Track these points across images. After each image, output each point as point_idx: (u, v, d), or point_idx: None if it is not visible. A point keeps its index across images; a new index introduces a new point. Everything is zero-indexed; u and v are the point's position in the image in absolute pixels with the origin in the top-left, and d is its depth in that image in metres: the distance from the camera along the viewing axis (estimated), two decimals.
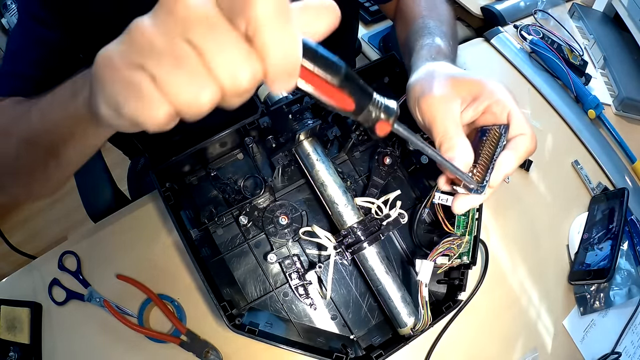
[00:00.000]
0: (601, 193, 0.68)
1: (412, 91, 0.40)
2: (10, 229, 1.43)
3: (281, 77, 0.20)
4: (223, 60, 0.19)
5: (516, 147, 0.36)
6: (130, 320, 0.53)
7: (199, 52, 0.19)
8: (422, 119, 0.38)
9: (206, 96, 0.20)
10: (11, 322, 0.53)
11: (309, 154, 0.47)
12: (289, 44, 0.20)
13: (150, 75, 0.20)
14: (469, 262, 0.46)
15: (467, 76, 0.38)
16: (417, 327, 0.44)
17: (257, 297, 0.50)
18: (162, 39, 0.20)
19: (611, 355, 0.58)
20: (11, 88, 0.48)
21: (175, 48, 0.19)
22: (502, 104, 0.37)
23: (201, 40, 0.19)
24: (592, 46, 0.84)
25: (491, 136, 0.37)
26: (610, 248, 0.58)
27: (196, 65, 0.20)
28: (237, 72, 0.20)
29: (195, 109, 0.21)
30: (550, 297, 0.60)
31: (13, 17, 1.78)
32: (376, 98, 0.25)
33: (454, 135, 0.35)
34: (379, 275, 0.46)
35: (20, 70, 0.49)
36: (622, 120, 0.77)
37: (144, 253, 0.57)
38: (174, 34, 0.19)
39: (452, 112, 0.36)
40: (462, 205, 0.37)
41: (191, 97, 0.20)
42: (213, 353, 0.51)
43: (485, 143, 0.37)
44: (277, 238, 0.51)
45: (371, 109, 0.25)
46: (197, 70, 0.20)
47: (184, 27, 0.19)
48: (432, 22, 0.52)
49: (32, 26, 0.49)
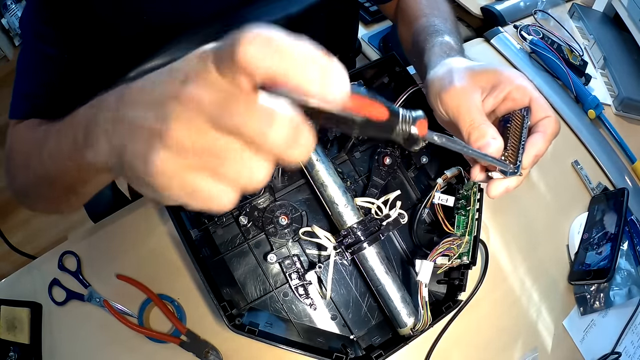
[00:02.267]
0: (601, 193, 0.68)
1: (432, 87, 0.40)
2: (10, 229, 1.42)
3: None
4: (262, 137, 0.19)
5: (544, 130, 0.37)
6: (130, 320, 0.53)
7: (237, 136, 0.19)
8: (446, 112, 0.39)
9: (262, 172, 0.20)
10: (11, 322, 0.53)
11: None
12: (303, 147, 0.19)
13: (208, 173, 0.20)
14: (469, 262, 0.46)
15: (484, 67, 0.39)
16: (417, 327, 0.44)
17: (257, 297, 0.50)
18: (197, 138, 0.19)
19: (611, 355, 0.58)
20: (26, 110, 0.48)
21: (213, 143, 0.19)
22: (522, 89, 0.38)
23: (231, 123, 0.19)
24: (592, 46, 0.84)
25: (515, 120, 0.38)
26: (610, 248, 0.58)
27: (241, 151, 0.19)
28: (269, 136, 0.19)
29: (255, 185, 0.20)
30: (550, 297, 0.60)
31: (13, 18, 1.78)
32: (402, 110, 0.25)
33: (482, 123, 0.36)
34: (379, 275, 0.46)
35: (32, 91, 0.50)
36: (622, 120, 0.77)
37: (144, 253, 0.57)
38: (204, 129, 0.19)
39: (475, 101, 0.37)
40: (499, 189, 0.37)
41: (249, 178, 0.20)
42: (213, 353, 0.51)
43: (510, 128, 0.38)
44: (277, 238, 0.51)
45: (403, 113, 0.25)
46: (242, 156, 0.19)
47: (209, 116, 0.19)
48: (437, 20, 0.52)
49: (38, 45, 0.49)
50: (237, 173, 0.20)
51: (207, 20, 0.55)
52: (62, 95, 0.50)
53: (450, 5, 0.58)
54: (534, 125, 0.38)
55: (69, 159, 0.31)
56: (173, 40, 0.53)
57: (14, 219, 1.49)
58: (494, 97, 0.38)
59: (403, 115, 0.25)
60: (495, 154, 0.35)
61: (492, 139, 0.35)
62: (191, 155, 0.19)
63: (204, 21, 0.55)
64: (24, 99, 0.49)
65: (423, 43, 0.49)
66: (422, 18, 0.54)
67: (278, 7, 0.57)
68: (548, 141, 0.37)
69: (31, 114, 0.48)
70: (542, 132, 0.37)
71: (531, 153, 0.36)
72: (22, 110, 0.49)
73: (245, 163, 0.19)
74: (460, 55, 0.45)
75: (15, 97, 0.49)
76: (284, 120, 0.18)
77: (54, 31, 0.48)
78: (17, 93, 0.49)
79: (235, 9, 0.57)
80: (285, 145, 0.19)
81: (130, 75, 0.52)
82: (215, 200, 0.20)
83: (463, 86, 0.38)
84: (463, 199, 0.48)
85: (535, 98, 0.38)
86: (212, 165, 0.20)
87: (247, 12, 0.56)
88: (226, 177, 0.20)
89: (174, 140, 0.19)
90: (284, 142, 0.19)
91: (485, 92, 0.38)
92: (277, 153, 0.19)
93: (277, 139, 0.19)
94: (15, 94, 0.49)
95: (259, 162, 0.20)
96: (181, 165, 0.20)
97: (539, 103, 0.38)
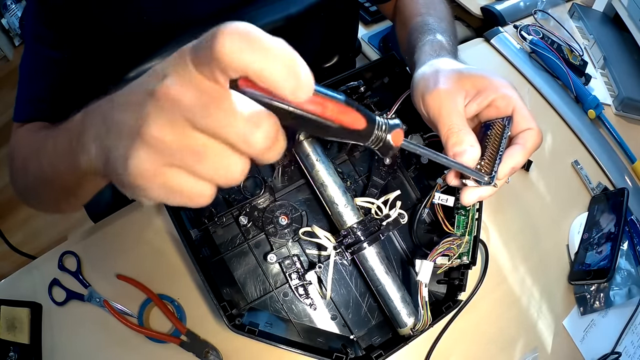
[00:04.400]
0: (601, 193, 0.68)
1: (417, 86, 0.40)
2: (10, 229, 1.42)
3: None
4: (243, 142, 0.19)
5: (524, 142, 0.36)
6: (130, 320, 0.53)
7: (216, 138, 0.19)
8: (427, 113, 0.38)
9: (239, 169, 0.20)
10: (11, 322, 0.53)
11: (309, 154, 0.47)
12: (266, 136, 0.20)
13: (185, 170, 0.20)
14: (469, 262, 0.46)
15: (471, 71, 0.38)
16: (417, 327, 0.44)
17: (257, 297, 0.50)
18: (175, 137, 0.19)
19: (611, 355, 0.58)
20: (29, 114, 0.49)
21: (191, 141, 0.19)
22: (507, 98, 0.37)
23: (209, 124, 0.19)
24: (592, 46, 0.84)
25: (495, 129, 0.37)
26: (610, 248, 0.58)
27: (219, 150, 0.20)
28: (250, 141, 0.19)
29: (232, 182, 0.21)
30: (550, 297, 0.60)
31: (13, 18, 1.78)
32: (378, 118, 0.25)
33: (461, 129, 0.35)
34: (379, 275, 0.46)
35: (35, 94, 0.50)
36: (622, 120, 0.77)
37: (144, 253, 0.57)
38: (182, 126, 0.19)
39: (457, 105, 0.37)
40: (471, 197, 0.37)
41: (225, 175, 0.20)
42: (213, 353, 0.51)
43: (490, 136, 0.37)
44: (277, 238, 0.51)
45: (380, 122, 0.25)
46: (220, 154, 0.20)
47: (187, 114, 0.19)
48: (431, 19, 0.52)
49: (40, 49, 0.49)
50: (215, 170, 0.20)
51: (208, 20, 0.55)
52: (65, 97, 0.50)
53: (448, 6, 0.58)
54: (514, 137, 0.37)
55: (65, 163, 0.31)
56: (173, 41, 0.53)
57: (14, 219, 1.49)
58: (477, 103, 0.37)
59: (379, 123, 0.25)
60: (470, 163, 0.34)
61: (469, 146, 0.34)
62: (169, 153, 0.20)
63: (204, 21, 0.55)
64: (27, 103, 0.50)
65: (415, 41, 0.48)
66: (417, 17, 0.54)
67: (278, 7, 0.57)
68: (527, 154, 0.36)
69: (34, 117, 0.48)
70: (522, 144, 0.36)
71: (508, 165, 0.36)
72: (25, 114, 0.49)
73: (222, 161, 0.20)
74: (451, 55, 0.44)
75: (19, 101, 0.50)
76: (266, 126, 0.19)
77: (54, 33, 0.48)
78: (21, 97, 0.50)
79: (235, 9, 0.57)
80: (264, 149, 0.20)
81: (130, 75, 0.52)
82: (194, 197, 0.21)
83: (447, 89, 0.37)
84: None
85: (519, 108, 0.37)
86: (190, 163, 0.20)
87: (247, 12, 0.56)
88: (204, 175, 0.20)
89: (152, 139, 0.19)
90: (263, 146, 0.19)
91: (469, 97, 0.38)
92: (255, 154, 0.20)
93: (257, 143, 0.19)
94: (19, 98, 0.50)
95: (236, 160, 0.20)
96: (159, 163, 0.20)
97: (522, 114, 0.37)
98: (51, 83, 0.50)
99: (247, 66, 0.18)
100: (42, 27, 0.48)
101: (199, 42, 0.19)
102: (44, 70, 0.50)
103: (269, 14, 0.56)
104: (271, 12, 0.56)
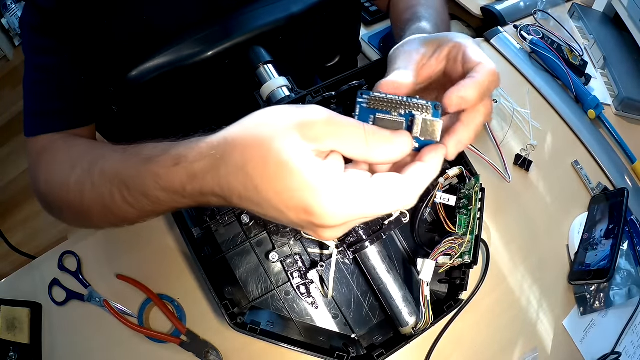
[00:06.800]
0: (601, 193, 0.68)
1: (389, 61, 0.39)
2: (10, 229, 1.42)
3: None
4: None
5: (475, 74, 0.32)
6: (130, 320, 0.52)
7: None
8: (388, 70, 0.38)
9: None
10: (11, 322, 0.53)
11: None
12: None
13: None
14: (471, 261, 0.46)
15: (436, 35, 0.38)
16: (418, 327, 0.44)
17: (258, 296, 0.50)
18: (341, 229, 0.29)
19: (611, 355, 0.58)
20: (43, 126, 0.49)
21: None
22: (457, 46, 0.35)
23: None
24: (592, 46, 0.85)
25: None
26: (610, 248, 0.58)
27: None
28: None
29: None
30: (550, 297, 0.60)
31: (13, 18, 1.78)
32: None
33: (399, 68, 0.35)
34: (381, 274, 0.46)
35: (39, 107, 0.50)
36: (622, 120, 0.77)
37: (144, 253, 0.57)
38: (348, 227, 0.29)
39: (409, 56, 0.36)
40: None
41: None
42: (213, 353, 0.51)
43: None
44: (279, 237, 0.51)
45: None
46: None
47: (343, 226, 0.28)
48: (422, 9, 0.52)
49: (40, 59, 0.49)
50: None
51: (208, 20, 0.55)
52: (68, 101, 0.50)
53: (444, 1, 0.58)
54: (467, 73, 0.33)
55: (153, 206, 0.34)
56: (173, 41, 0.53)
57: (14, 219, 1.49)
58: (435, 58, 0.36)
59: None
60: (399, 79, 0.34)
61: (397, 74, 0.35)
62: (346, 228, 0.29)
63: (205, 21, 0.55)
64: (37, 116, 0.50)
65: (401, 32, 0.48)
66: (408, 10, 0.54)
67: (280, 6, 0.57)
68: (479, 86, 0.31)
69: (49, 129, 0.49)
70: (472, 76, 0.32)
71: (455, 92, 0.31)
72: (39, 127, 0.49)
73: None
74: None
75: (26, 116, 0.50)
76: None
77: (50, 39, 0.48)
78: (27, 112, 0.50)
79: (236, 9, 0.57)
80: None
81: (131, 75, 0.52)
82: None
83: (406, 48, 0.37)
84: (465, 199, 0.48)
85: (469, 49, 0.34)
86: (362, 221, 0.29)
87: (249, 11, 0.56)
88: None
89: (329, 238, 0.30)
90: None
91: (428, 55, 0.37)
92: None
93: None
94: (26, 113, 0.50)
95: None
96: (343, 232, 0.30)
97: (472, 51, 0.33)
98: (58, 91, 0.50)
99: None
100: (39, 37, 0.49)
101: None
102: (49, 79, 0.50)
103: (271, 14, 0.56)
104: (273, 11, 0.56)
